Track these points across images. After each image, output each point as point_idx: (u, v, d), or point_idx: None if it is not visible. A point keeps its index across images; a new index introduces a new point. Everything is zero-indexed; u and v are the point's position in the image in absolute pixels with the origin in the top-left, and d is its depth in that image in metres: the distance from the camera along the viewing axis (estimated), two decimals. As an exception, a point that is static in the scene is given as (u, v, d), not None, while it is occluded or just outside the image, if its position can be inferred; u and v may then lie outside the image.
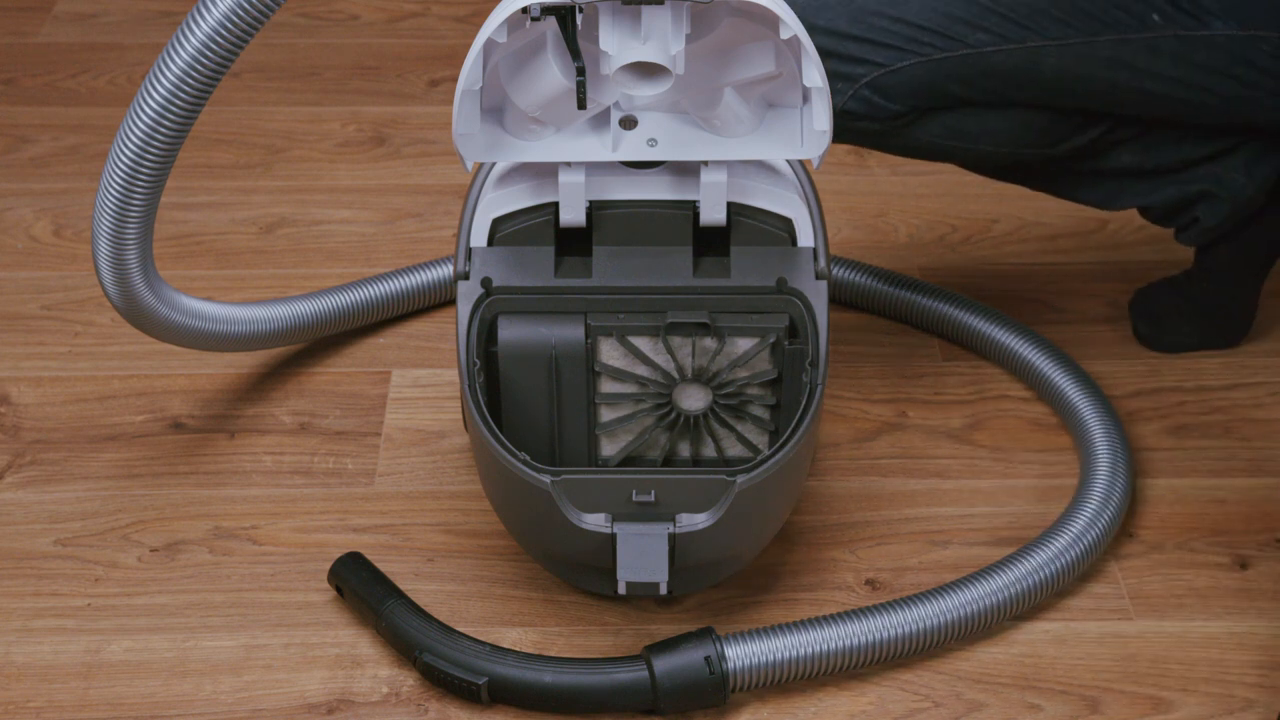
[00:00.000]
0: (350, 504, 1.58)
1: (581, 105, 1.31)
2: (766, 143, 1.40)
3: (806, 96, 1.36)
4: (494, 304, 1.44)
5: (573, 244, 1.45)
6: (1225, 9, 1.52)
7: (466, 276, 1.44)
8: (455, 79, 1.31)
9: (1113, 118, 1.58)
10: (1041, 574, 1.43)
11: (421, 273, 1.80)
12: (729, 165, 1.41)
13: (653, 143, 1.40)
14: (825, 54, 1.52)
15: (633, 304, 1.44)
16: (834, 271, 1.80)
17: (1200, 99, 1.53)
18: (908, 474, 1.62)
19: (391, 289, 1.77)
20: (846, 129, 1.55)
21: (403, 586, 1.45)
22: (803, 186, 1.47)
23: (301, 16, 2.42)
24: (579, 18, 1.27)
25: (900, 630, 1.38)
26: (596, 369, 1.46)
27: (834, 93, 1.52)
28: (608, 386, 1.47)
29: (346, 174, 2.07)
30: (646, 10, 1.27)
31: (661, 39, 1.27)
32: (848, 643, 1.37)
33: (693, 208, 1.43)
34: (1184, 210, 1.67)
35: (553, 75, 1.31)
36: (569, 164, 1.40)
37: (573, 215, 1.42)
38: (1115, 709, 1.39)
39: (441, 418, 1.68)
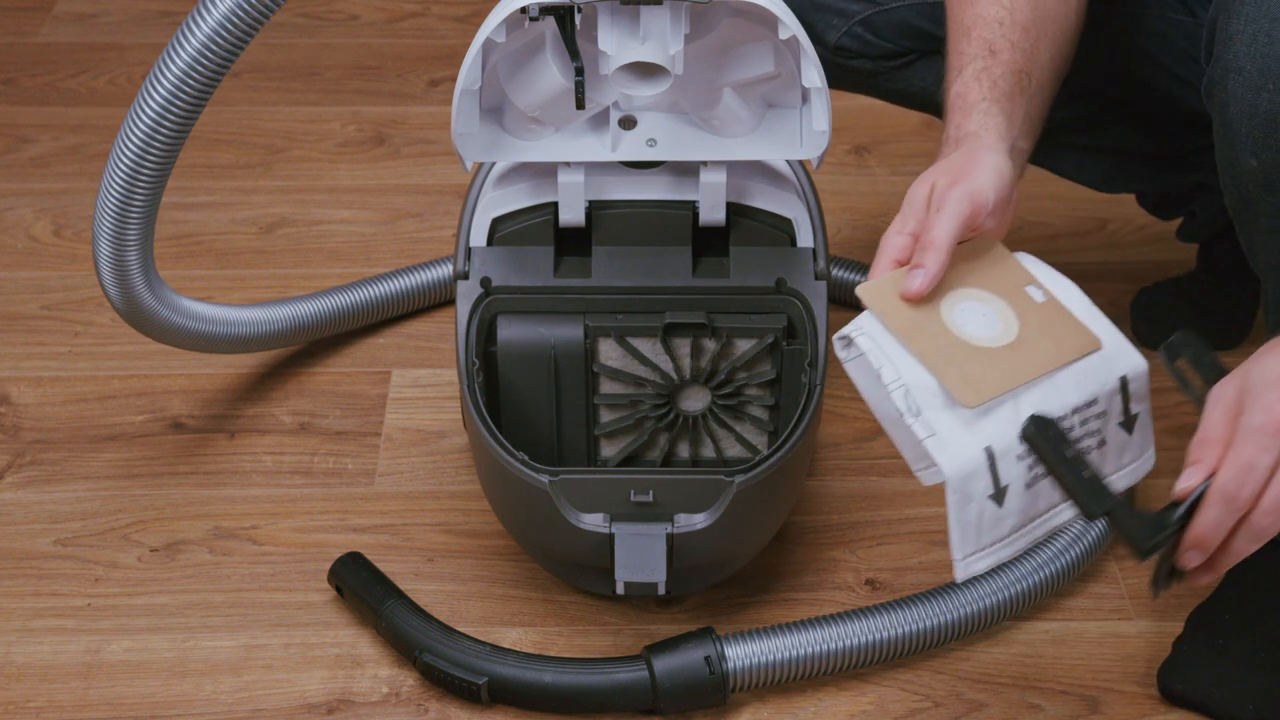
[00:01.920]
0: (350, 504, 1.58)
1: (580, 105, 1.31)
2: (766, 143, 1.40)
3: (806, 97, 1.36)
4: (493, 304, 1.44)
5: (572, 244, 1.45)
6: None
7: (466, 276, 1.44)
8: (455, 79, 1.31)
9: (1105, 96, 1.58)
10: (1041, 574, 1.43)
11: (421, 273, 1.80)
12: (728, 165, 1.41)
13: (652, 143, 1.40)
14: None
15: (632, 304, 1.44)
16: (834, 272, 1.80)
17: (1179, 90, 1.53)
18: (908, 474, 1.60)
19: (391, 289, 1.78)
20: (841, 67, 1.55)
21: (403, 586, 1.45)
22: (802, 187, 1.47)
23: (301, 16, 2.42)
24: (577, 18, 1.27)
25: (900, 630, 1.38)
26: (595, 369, 1.46)
27: (829, 28, 1.53)
28: (607, 387, 1.47)
29: (346, 174, 2.07)
30: (645, 10, 1.27)
31: (660, 39, 1.27)
32: (848, 643, 1.37)
33: (692, 208, 1.43)
34: (1181, 201, 1.67)
35: (551, 75, 1.31)
36: (568, 164, 1.41)
37: (572, 215, 1.43)
38: (1115, 709, 1.39)
39: (441, 418, 1.68)
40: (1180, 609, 1.45)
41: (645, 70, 1.29)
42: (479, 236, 1.45)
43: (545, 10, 1.26)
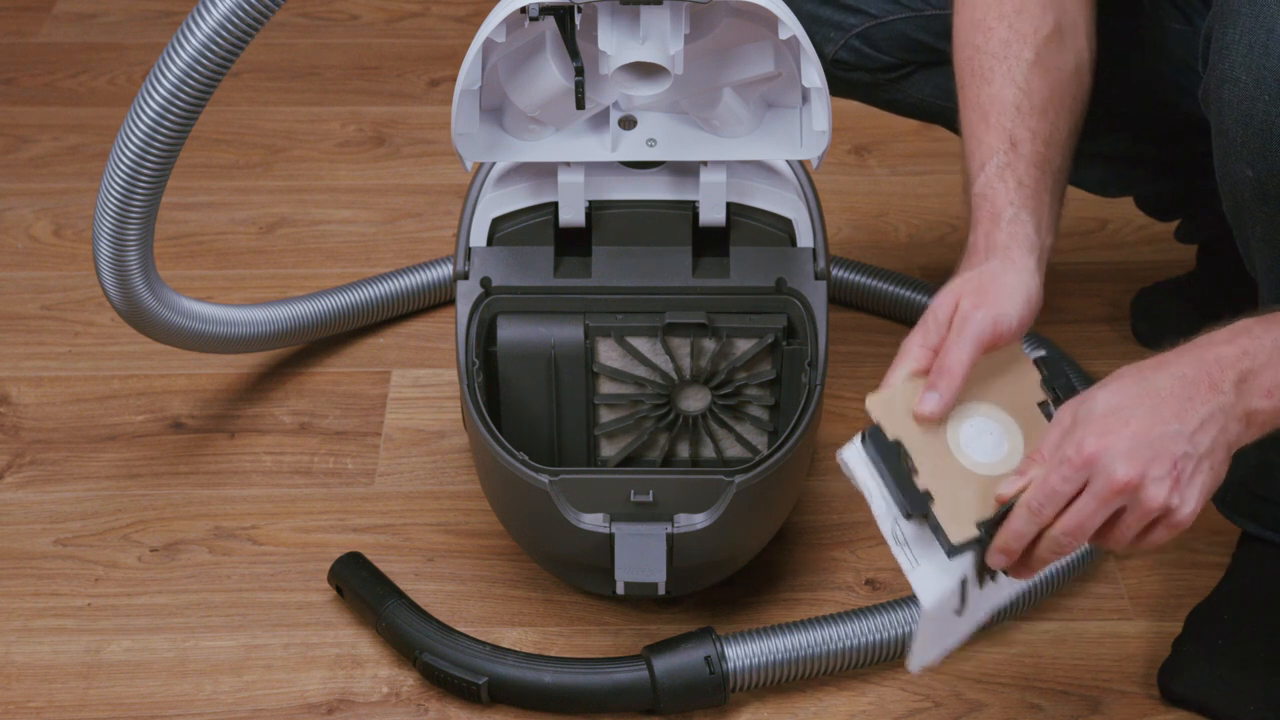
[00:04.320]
0: (350, 504, 1.58)
1: (580, 105, 1.31)
2: (766, 143, 1.40)
3: (806, 97, 1.36)
4: (493, 304, 1.44)
5: (572, 244, 1.45)
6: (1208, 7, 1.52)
7: (466, 276, 1.44)
8: (455, 79, 1.31)
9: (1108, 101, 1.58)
10: (1041, 574, 1.43)
11: (421, 273, 1.80)
12: (728, 165, 1.41)
13: (652, 143, 1.40)
14: (822, 0, 1.52)
15: (632, 304, 1.44)
16: (834, 271, 1.80)
17: (1176, 97, 1.53)
18: (907, 474, 1.62)
19: (391, 289, 1.78)
20: (839, 79, 1.55)
21: (403, 586, 1.45)
22: (802, 187, 1.47)
23: (301, 16, 2.42)
24: (577, 18, 1.27)
25: (900, 630, 1.38)
26: (595, 369, 1.46)
27: (826, 41, 1.53)
28: (607, 387, 1.47)
29: (346, 174, 2.07)
30: (645, 10, 1.27)
31: (660, 39, 1.27)
32: (848, 643, 1.37)
33: (692, 208, 1.43)
34: (1179, 205, 1.67)
35: (551, 75, 1.31)
36: (568, 164, 1.41)
37: (572, 215, 1.43)
38: (1115, 709, 1.39)
39: (441, 418, 1.68)
40: (1180, 609, 1.45)
41: (645, 70, 1.29)
42: (479, 236, 1.45)
43: (545, 10, 1.26)
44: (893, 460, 1.14)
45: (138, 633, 1.45)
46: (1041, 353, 1.20)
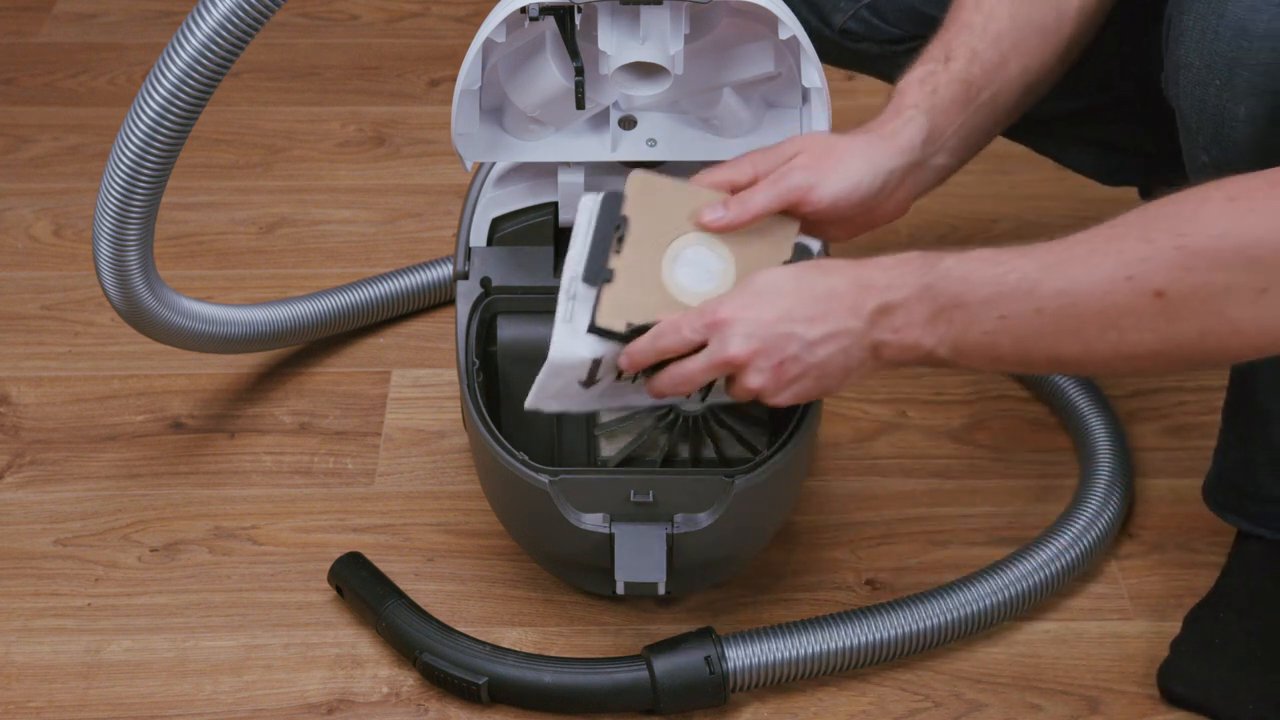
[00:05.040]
0: (350, 504, 1.58)
1: (580, 105, 1.31)
2: (766, 143, 1.40)
3: (806, 97, 1.36)
4: (493, 303, 1.44)
5: (572, 244, 1.45)
6: None
7: (466, 276, 1.44)
8: (455, 79, 1.31)
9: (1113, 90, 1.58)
10: (1041, 574, 1.43)
11: (421, 273, 1.80)
12: (728, 165, 1.41)
13: (652, 143, 1.40)
14: None
15: (632, 304, 1.44)
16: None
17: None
18: (908, 474, 1.62)
19: (391, 289, 1.78)
20: (846, 50, 1.55)
21: (403, 586, 1.45)
22: (802, 186, 1.47)
23: (301, 16, 2.42)
24: (577, 18, 1.27)
25: (900, 630, 1.38)
26: (596, 369, 1.46)
27: (836, 10, 1.53)
28: (607, 386, 1.47)
29: (346, 174, 2.07)
30: (645, 10, 1.27)
31: (660, 39, 1.27)
32: (848, 643, 1.37)
33: (692, 208, 1.43)
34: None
35: (551, 75, 1.31)
36: (568, 164, 1.41)
37: (572, 215, 1.42)
38: (1115, 709, 1.39)
39: (441, 418, 1.68)
40: (1180, 609, 1.45)
41: (645, 70, 1.29)
42: (479, 236, 1.45)
43: (545, 10, 1.26)
44: (607, 230, 1.20)
45: (138, 633, 1.45)
46: (814, 245, 1.24)
